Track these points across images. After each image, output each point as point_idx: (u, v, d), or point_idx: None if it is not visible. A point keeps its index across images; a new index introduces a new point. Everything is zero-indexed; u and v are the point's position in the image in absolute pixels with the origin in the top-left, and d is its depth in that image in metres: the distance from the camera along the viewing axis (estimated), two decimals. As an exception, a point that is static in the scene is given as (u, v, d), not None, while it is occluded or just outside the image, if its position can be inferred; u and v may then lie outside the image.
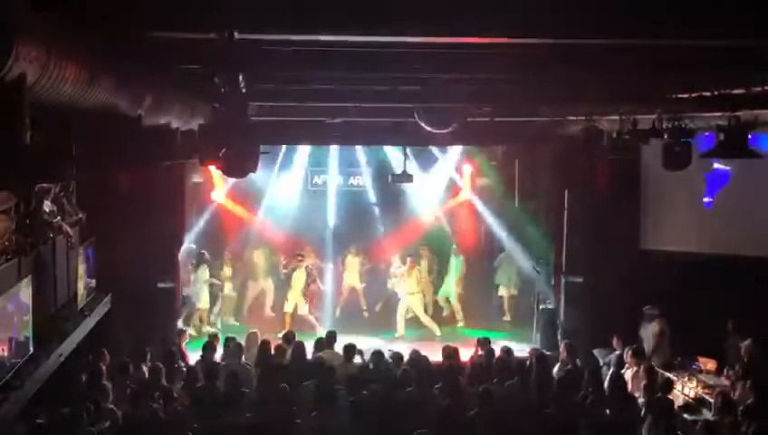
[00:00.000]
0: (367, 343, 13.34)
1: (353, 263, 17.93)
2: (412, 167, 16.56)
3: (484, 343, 12.33)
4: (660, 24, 5.50)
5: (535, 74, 8.73)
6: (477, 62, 7.69)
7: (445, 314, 17.80)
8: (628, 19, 5.42)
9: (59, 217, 8.02)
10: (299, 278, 16.78)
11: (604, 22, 5.43)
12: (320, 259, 17.90)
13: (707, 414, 10.68)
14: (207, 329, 15.88)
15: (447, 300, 17.86)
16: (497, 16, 5.33)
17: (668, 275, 14.04)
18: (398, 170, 16.15)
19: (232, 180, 16.36)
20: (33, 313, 8.43)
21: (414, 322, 16.98)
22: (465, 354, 12.25)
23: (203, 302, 16.40)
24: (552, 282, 16.05)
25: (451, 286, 17.81)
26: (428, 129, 11.60)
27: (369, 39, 6.16)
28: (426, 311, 17.23)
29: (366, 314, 17.86)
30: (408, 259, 17.09)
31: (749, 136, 9.32)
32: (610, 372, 11.26)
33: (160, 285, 13.84)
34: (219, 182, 17.10)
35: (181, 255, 15.14)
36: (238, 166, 6.97)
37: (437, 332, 16.59)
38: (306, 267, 16.91)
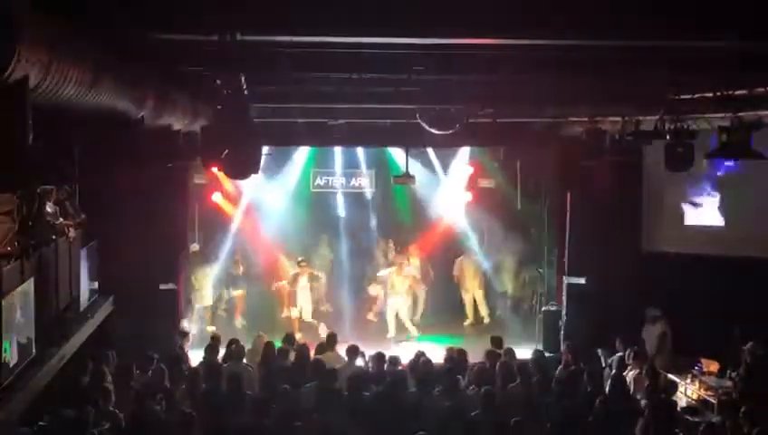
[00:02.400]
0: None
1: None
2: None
3: (498, 343, 12.38)
4: (663, 26, 5.50)
5: (538, 75, 8.74)
6: (480, 63, 7.69)
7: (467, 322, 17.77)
8: (630, 20, 5.42)
9: (61, 219, 8.01)
10: (303, 284, 16.83)
11: (607, 23, 5.43)
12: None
13: (710, 416, 10.67)
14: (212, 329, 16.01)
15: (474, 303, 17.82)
16: (500, 17, 5.33)
17: (670, 277, 14.05)
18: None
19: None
20: (36, 315, 8.43)
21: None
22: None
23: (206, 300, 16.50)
24: (555, 283, 16.06)
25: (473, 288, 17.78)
26: (430, 130, 11.59)
27: (372, 40, 6.16)
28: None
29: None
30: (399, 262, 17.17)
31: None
32: (613, 373, 11.24)
33: (163, 286, 13.84)
34: (227, 184, 17.12)
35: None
36: (240, 167, 6.97)
37: (415, 333, 16.67)
38: (310, 273, 16.96)
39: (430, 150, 17.74)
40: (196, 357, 12.49)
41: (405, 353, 12.08)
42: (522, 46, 6.59)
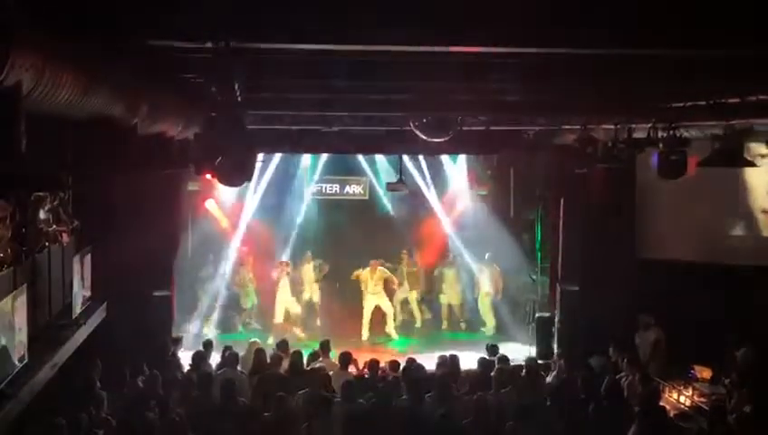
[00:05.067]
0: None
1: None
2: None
3: (492, 350, 12.42)
4: (656, 34, 5.52)
5: (531, 84, 8.76)
6: (473, 71, 7.71)
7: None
8: (623, 29, 5.44)
9: (54, 226, 8.00)
10: (284, 286, 16.93)
11: (600, 31, 5.45)
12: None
13: (702, 423, 10.68)
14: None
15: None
16: (494, 26, 5.35)
17: (664, 284, 14.08)
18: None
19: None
20: (29, 321, 8.41)
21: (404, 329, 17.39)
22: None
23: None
24: (548, 290, 16.07)
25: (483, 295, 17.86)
26: (424, 137, 11.61)
27: (365, 48, 6.17)
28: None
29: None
30: (372, 261, 17.37)
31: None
32: (606, 380, 11.24)
33: (156, 293, 13.82)
34: (220, 191, 17.13)
35: None
36: (234, 174, 6.96)
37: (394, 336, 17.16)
38: (289, 275, 17.07)
39: (424, 158, 17.82)
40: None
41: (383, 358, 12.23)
42: (515, 54, 6.61)
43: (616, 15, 5.36)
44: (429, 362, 12.22)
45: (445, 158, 18.12)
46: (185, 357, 12.97)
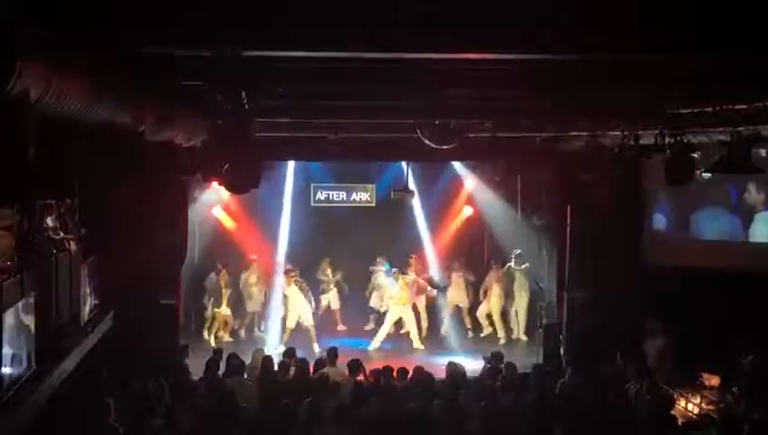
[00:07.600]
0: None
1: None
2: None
3: (498, 357, 12.39)
4: (663, 41, 5.52)
5: (537, 90, 8.76)
6: (479, 78, 7.72)
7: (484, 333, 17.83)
8: (630, 36, 5.44)
9: (62, 234, 8.00)
10: (294, 293, 16.91)
11: (606, 38, 5.45)
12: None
13: (711, 431, 10.63)
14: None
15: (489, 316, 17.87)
16: (500, 33, 5.35)
17: (671, 290, 14.03)
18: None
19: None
20: (35, 330, 8.40)
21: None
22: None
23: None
24: (555, 297, 16.04)
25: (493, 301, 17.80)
26: (430, 144, 11.61)
27: (372, 55, 6.18)
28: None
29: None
30: (394, 269, 17.39)
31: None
32: (614, 387, 11.21)
33: (163, 301, 13.80)
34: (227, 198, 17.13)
35: None
36: (241, 181, 6.99)
37: (418, 344, 17.00)
38: (297, 281, 17.08)
39: (430, 165, 17.81)
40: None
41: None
42: (522, 61, 6.61)
43: (621, 20, 5.37)
44: (436, 368, 12.19)
45: (452, 164, 18.12)
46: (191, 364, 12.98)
